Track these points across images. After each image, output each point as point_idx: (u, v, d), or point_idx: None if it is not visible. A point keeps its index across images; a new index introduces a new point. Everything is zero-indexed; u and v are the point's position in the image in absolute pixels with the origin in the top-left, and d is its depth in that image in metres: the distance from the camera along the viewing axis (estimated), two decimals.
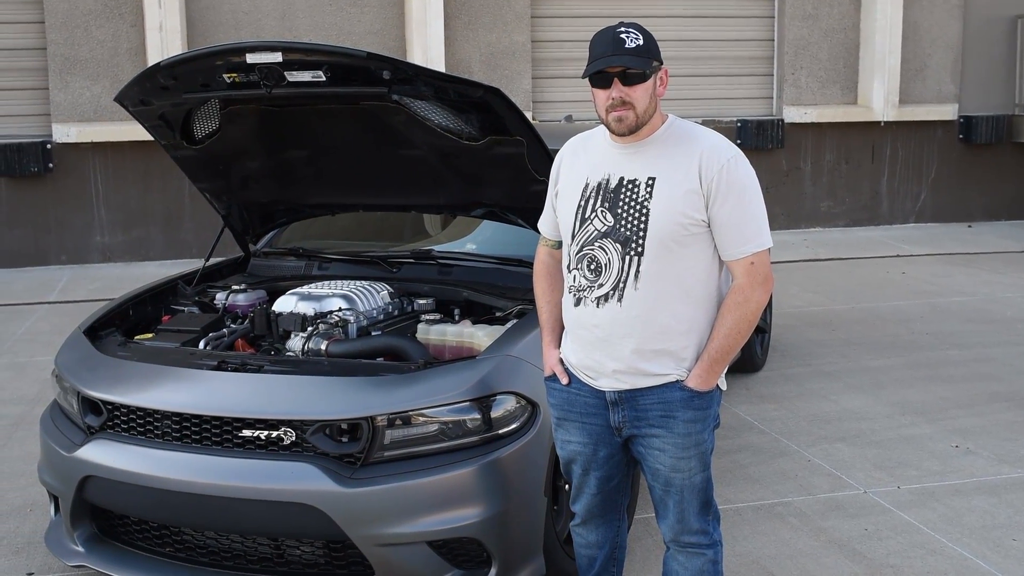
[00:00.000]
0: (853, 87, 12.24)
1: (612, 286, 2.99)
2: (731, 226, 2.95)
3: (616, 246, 2.98)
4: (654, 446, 3.07)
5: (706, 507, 3.15)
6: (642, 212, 2.96)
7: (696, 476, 3.08)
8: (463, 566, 3.56)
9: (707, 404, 3.04)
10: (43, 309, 8.87)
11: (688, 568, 3.18)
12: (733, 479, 5.01)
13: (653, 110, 2.99)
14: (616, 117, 2.95)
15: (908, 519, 4.58)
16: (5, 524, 4.66)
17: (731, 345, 2.99)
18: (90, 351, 4.11)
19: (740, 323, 2.98)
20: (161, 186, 10.62)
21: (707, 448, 3.09)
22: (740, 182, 2.95)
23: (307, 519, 3.43)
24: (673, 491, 3.10)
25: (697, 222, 2.95)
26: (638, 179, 2.99)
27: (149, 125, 4.57)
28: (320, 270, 4.95)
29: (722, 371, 3.04)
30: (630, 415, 3.07)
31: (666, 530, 3.19)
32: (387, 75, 3.90)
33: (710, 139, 3.01)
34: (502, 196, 4.51)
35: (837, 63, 12.16)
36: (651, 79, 2.96)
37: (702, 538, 3.16)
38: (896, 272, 9.95)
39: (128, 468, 3.63)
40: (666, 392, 3.02)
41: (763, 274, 2.99)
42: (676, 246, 2.95)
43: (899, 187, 12.51)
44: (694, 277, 3.00)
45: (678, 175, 2.95)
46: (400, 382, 3.58)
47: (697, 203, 2.94)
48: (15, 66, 10.53)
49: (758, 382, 6.53)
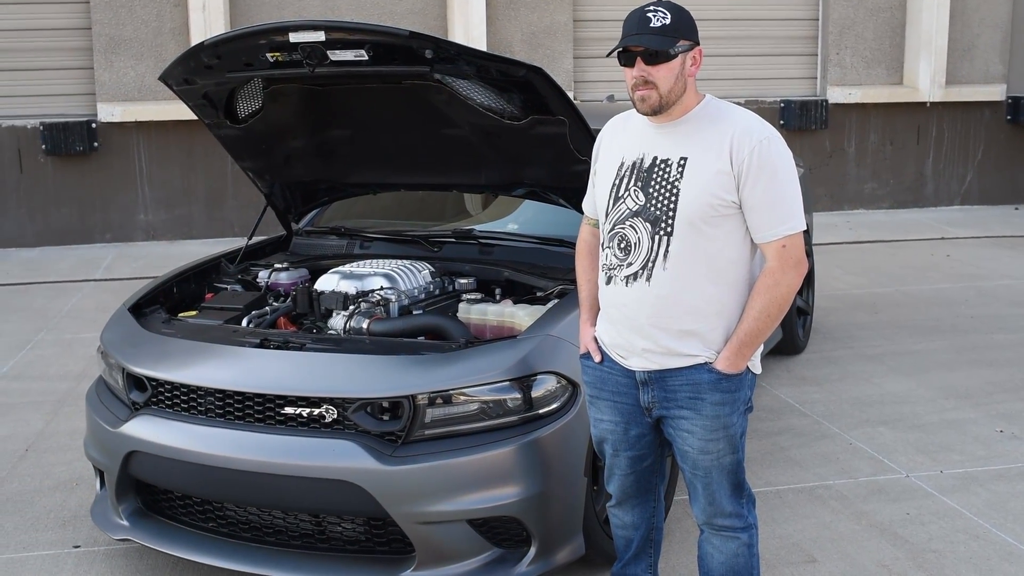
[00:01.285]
0: (899, 67, 12.09)
1: (641, 265, 2.99)
2: (762, 208, 2.92)
3: (646, 225, 2.97)
4: (682, 427, 3.06)
5: (738, 490, 3.13)
6: (672, 192, 2.94)
7: (725, 458, 3.06)
8: (503, 545, 3.57)
9: (735, 387, 3.02)
10: (88, 287, 8.97)
11: (723, 551, 3.17)
12: (774, 461, 4.99)
13: (681, 90, 2.96)
14: (639, 96, 2.95)
15: (951, 504, 4.54)
16: (52, 498, 4.73)
17: (760, 329, 2.96)
18: (135, 328, 4.15)
19: (770, 307, 2.95)
20: (204, 165, 10.70)
21: (736, 431, 3.06)
22: (772, 163, 2.91)
23: (348, 496, 3.46)
24: (701, 473, 3.09)
25: (727, 203, 2.92)
26: (670, 159, 2.98)
27: (193, 104, 4.60)
28: (362, 249, 4.97)
29: (751, 355, 3.01)
30: (659, 395, 3.07)
31: (698, 512, 3.19)
32: (429, 54, 3.90)
33: (744, 119, 2.97)
34: (544, 176, 4.50)
35: (883, 42, 12.00)
36: (677, 59, 2.93)
37: (736, 521, 3.15)
38: (941, 255, 9.83)
39: (172, 444, 3.67)
40: (694, 374, 3.01)
41: (795, 257, 2.94)
42: (705, 227, 2.93)
43: (945, 169, 12.35)
44: (724, 259, 2.97)
45: (709, 155, 2.93)
46: (441, 361, 3.59)
47: (727, 184, 2.91)
48: (61, 46, 10.62)
49: (800, 364, 6.49)
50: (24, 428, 5.59)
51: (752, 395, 3.13)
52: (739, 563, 3.17)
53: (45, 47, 10.59)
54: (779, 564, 4.03)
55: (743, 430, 3.10)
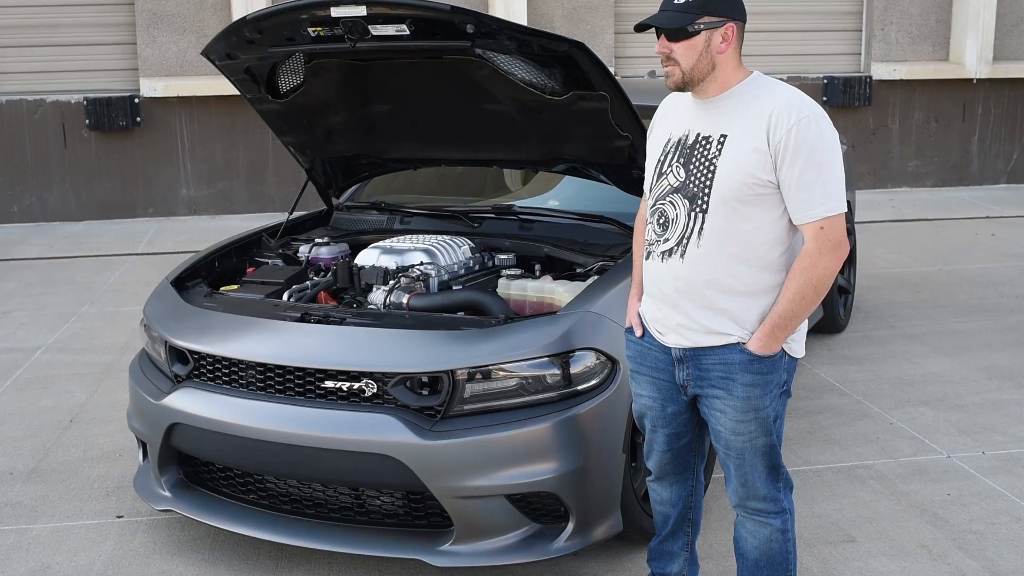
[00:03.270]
0: (945, 43, 11.91)
1: (676, 241, 2.97)
2: (800, 188, 2.86)
3: (684, 202, 2.96)
4: (715, 407, 3.05)
5: (774, 473, 3.09)
6: (710, 169, 2.92)
7: (757, 440, 3.03)
8: (541, 520, 3.58)
9: (768, 369, 2.97)
10: (131, 260, 9.06)
11: (756, 536, 3.15)
12: (813, 440, 4.96)
13: (707, 68, 2.93)
14: (665, 73, 2.98)
15: (992, 485, 4.50)
16: (96, 468, 4.79)
17: (796, 311, 2.91)
18: (177, 302, 4.18)
19: (805, 289, 2.89)
20: (245, 140, 10.75)
21: (768, 415, 3.01)
22: (810, 143, 2.84)
23: (387, 470, 3.48)
24: (733, 454, 3.07)
25: (763, 182, 2.88)
26: (711, 135, 2.96)
27: (235, 79, 4.61)
28: (402, 224, 4.98)
29: (785, 337, 2.96)
30: (694, 373, 3.05)
31: (732, 494, 3.16)
32: (471, 29, 3.88)
33: (785, 97, 2.91)
34: (584, 152, 4.48)
35: (929, 18, 11.83)
36: (700, 36, 2.90)
37: (770, 505, 3.11)
38: (985, 234, 9.71)
39: (213, 416, 3.71)
40: (727, 353, 2.98)
41: (834, 240, 2.88)
42: (741, 206, 2.90)
43: (991, 147, 12.18)
44: (760, 239, 2.93)
45: (747, 133, 2.90)
46: (481, 336, 3.60)
47: (764, 163, 2.86)
48: (104, 21, 10.70)
49: (840, 343, 6.44)
50: (68, 400, 5.67)
51: (790, 380, 3.07)
52: (773, 548, 3.14)
53: (89, 23, 10.67)
54: (817, 543, 4.02)
55: (777, 414, 3.04)
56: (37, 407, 5.56)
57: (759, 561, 3.17)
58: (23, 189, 10.56)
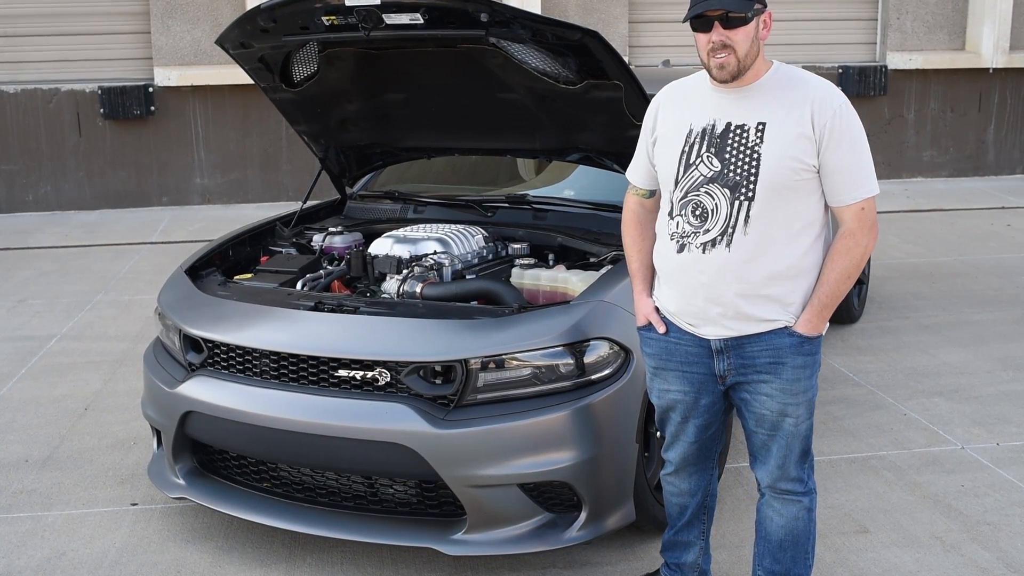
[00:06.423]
0: (961, 32, 11.85)
1: (720, 231, 2.97)
2: (843, 171, 2.93)
3: (724, 191, 2.95)
4: (761, 391, 3.06)
5: (805, 455, 3.14)
6: (753, 157, 2.93)
7: (803, 423, 3.08)
8: (554, 509, 3.58)
9: (815, 350, 3.03)
10: (145, 249, 9.08)
11: (783, 515, 3.18)
12: (827, 431, 4.95)
13: (756, 55, 2.94)
14: (718, 63, 2.92)
15: (1007, 476, 4.48)
16: (110, 456, 4.81)
17: (841, 291, 2.99)
18: (191, 290, 4.19)
19: (849, 268, 2.97)
20: (259, 129, 10.76)
21: (813, 395, 3.08)
22: (851, 128, 2.93)
23: (400, 458, 3.48)
24: (780, 436, 3.09)
25: (808, 167, 2.92)
26: (747, 124, 2.96)
27: (249, 68, 4.62)
28: (415, 213, 4.98)
29: (829, 316, 3.04)
30: (736, 363, 3.06)
31: (763, 476, 3.18)
32: (485, 18, 3.88)
33: (821, 85, 2.98)
34: (598, 141, 4.48)
35: (945, 7, 11.76)
36: (753, 22, 2.91)
37: (798, 485, 3.15)
38: (1001, 224, 9.66)
39: (227, 404, 3.72)
40: (775, 338, 3.00)
41: (871, 220, 2.98)
42: (786, 191, 2.93)
43: (1007, 136, 12.11)
44: (801, 222, 2.97)
45: (789, 120, 2.92)
46: (494, 326, 3.59)
47: (808, 148, 2.91)
48: (118, 10, 10.72)
49: (854, 334, 6.42)
50: (83, 387, 5.69)
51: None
52: (799, 526, 3.18)
53: (103, 12, 10.69)
54: (831, 534, 4.01)
55: (816, 393, 3.11)
56: (52, 395, 5.59)
57: (783, 541, 3.19)
58: (38, 178, 10.60)
